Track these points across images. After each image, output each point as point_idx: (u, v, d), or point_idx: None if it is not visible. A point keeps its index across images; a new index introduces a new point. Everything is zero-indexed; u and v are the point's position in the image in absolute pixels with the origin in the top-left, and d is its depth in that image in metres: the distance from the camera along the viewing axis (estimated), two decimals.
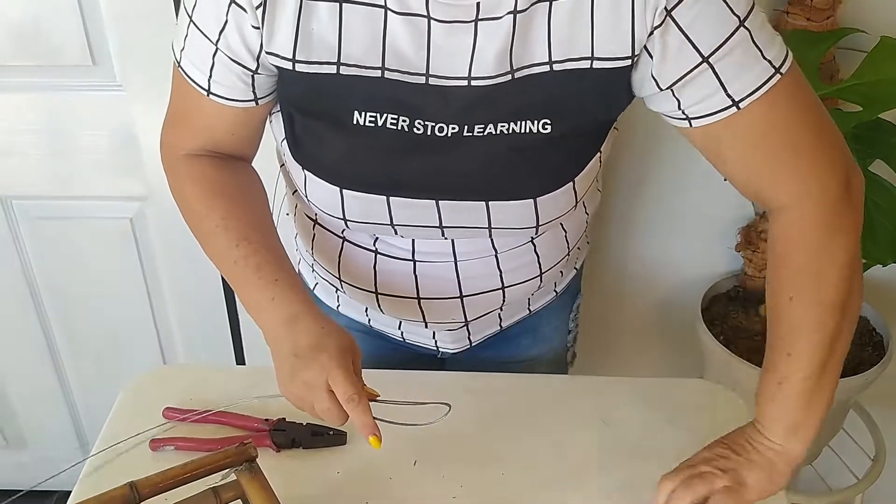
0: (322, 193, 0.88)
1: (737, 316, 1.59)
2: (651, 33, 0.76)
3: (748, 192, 0.86)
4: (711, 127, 0.81)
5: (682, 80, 0.79)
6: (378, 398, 0.82)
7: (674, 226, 1.61)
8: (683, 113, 0.82)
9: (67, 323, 1.76)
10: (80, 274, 1.68)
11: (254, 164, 0.98)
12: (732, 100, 0.78)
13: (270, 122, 0.93)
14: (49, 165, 1.56)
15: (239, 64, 0.82)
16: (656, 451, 0.96)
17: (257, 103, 0.87)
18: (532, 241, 0.98)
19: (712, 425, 0.99)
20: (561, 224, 1.00)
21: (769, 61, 0.78)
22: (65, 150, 1.53)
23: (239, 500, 0.80)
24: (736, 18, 0.76)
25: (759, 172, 0.83)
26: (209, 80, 0.84)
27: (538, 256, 1.00)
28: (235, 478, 0.79)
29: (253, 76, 0.83)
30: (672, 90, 0.80)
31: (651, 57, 0.78)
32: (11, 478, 1.98)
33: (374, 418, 0.79)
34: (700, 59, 0.77)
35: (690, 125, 0.82)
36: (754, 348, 1.53)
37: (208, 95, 0.86)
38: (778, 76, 0.78)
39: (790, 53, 0.80)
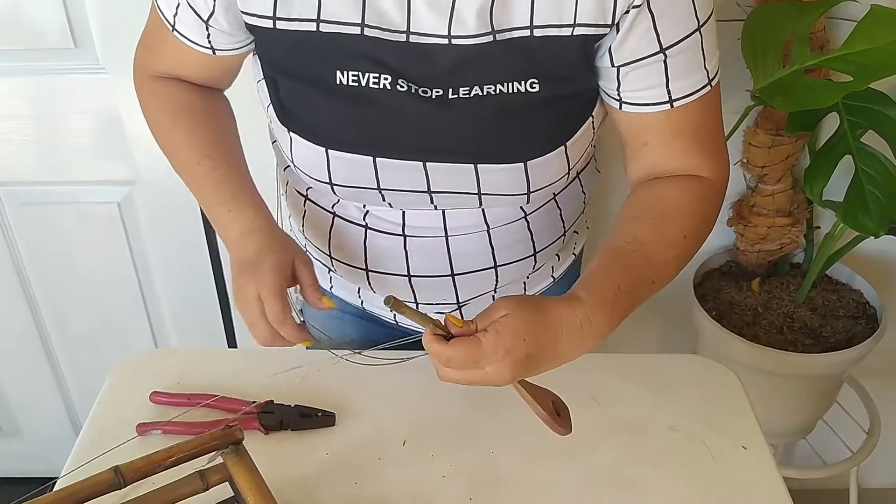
0: (308, 155, 0.88)
1: (729, 291, 1.59)
2: (627, 11, 0.78)
3: (648, 169, 0.89)
4: (643, 116, 0.85)
5: (634, 65, 0.81)
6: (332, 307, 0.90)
7: None
8: (619, 96, 0.85)
9: (58, 309, 1.76)
10: (69, 259, 1.68)
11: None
12: (670, 97, 0.83)
13: (257, 90, 0.92)
14: (34, 151, 1.54)
15: (194, 10, 0.84)
16: (648, 426, 0.95)
17: (214, 53, 0.90)
18: (525, 218, 0.97)
19: (705, 400, 0.99)
20: (556, 201, 0.99)
21: (707, 71, 0.84)
22: (49, 135, 1.52)
23: (226, 482, 0.79)
24: (696, 21, 0.80)
25: (677, 155, 0.88)
26: (175, 17, 0.87)
27: (531, 234, 0.98)
28: (222, 461, 0.79)
29: (206, 26, 0.86)
30: (619, 70, 0.82)
31: (617, 32, 0.79)
32: (7, 466, 1.98)
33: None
34: (658, 49, 0.80)
35: (620, 108, 0.86)
36: (747, 323, 1.53)
37: (173, 31, 0.89)
38: (709, 87, 0.85)
39: (719, 68, 0.87)
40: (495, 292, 1.04)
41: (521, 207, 0.96)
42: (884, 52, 1.19)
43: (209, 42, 0.88)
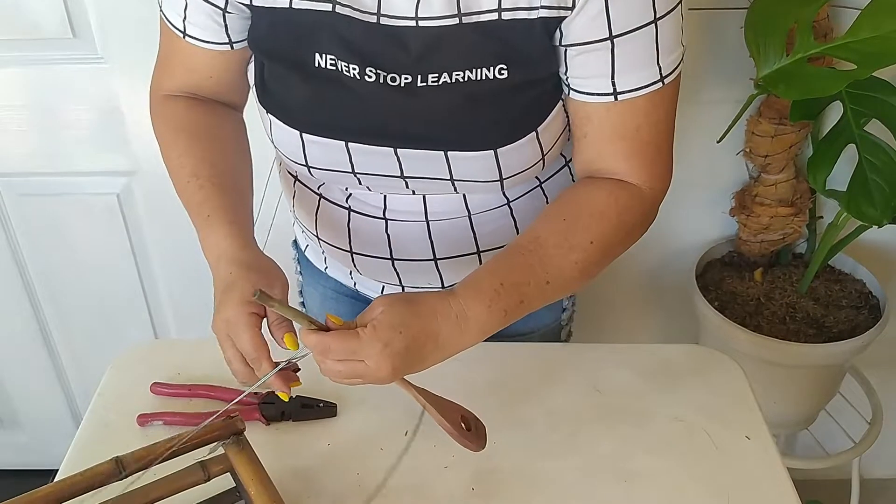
0: (284, 138, 0.88)
1: (731, 281, 1.58)
2: None
3: (586, 165, 0.88)
4: (587, 105, 0.83)
5: (580, 48, 0.80)
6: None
7: (667, 191, 1.60)
8: (567, 80, 0.83)
9: (57, 301, 1.75)
10: (69, 251, 1.67)
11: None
12: (614, 89, 0.81)
13: (247, 70, 0.92)
14: (32, 141, 1.54)
15: (208, 2, 0.84)
16: (651, 416, 0.95)
17: (232, 47, 0.89)
18: (508, 205, 0.97)
19: (708, 390, 0.98)
20: (542, 188, 0.99)
21: (660, 67, 0.81)
22: (48, 126, 1.51)
23: (227, 473, 0.79)
24: (653, 13, 0.78)
25: (612, 156, 0.85)
26: (184, 22, 0.87)
27: (515, 221, 0.98)
28: (223, 451, 0.78)
29: (224, 15, 0.85)
30: (566, 52, 0.81)
31: (571, 10, 0.78)
32: (8, 458, 1.98)
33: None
34: (606, 36, 0.78)
35: (568, 94, 0.84)
36: (749, 313, 1.52)
37: (185, 37, 0.88)
38: (660, 84, 0.81)
39: (680, 68, 0.83)
40: None
41: (504, 194, 0.96)
42: (888, 39, 1.18)
43: (227, 34, 0.87)
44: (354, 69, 0.81)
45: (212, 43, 0.88)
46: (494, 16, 0.78)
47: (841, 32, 1.28)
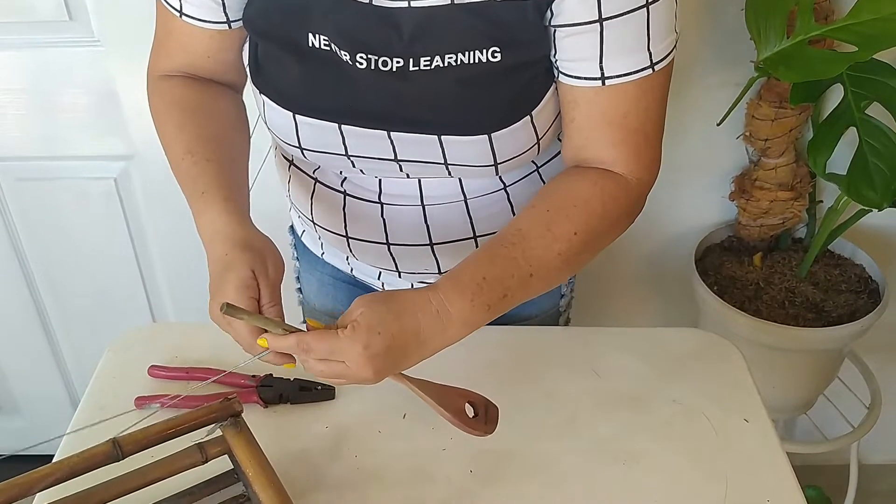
0: (277, 119, 0.87)
1: (731, 266, 1.58)
2: None
3: (574, 152, 0.87)
4: (574, 89, 0.82)
5: (569, 29, 0.78)
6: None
7: (666, 176, 1.57)
8: (556, 62, 0.82)
9: (54, 285, 1.75)
10: (66, 235, 1.66)
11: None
12: (602, 74, 0.79)
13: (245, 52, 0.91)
14: (29, 125, 1.53)
15: None
16: (650, 400, 0.95)
17: (230, 26, 0.88)
18: (505, 189, 0.96)
19: (707, 374, 0.98)
20: (539, 173, 0.98)
21: (650, 53, 0.79)
22: (44, 109, 1.51)
23: (225, 455, 0.79)
24: None
25: (599, 143, 0.84)
26: (181, 1, 0.86)
27: (512, 206, 0.97)
28: (221, 433, 0.78)
29: None
30: (555, 32, 0.79)
31: None
32: (7, 444, 1.98)
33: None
34: (596, 18, 0.76)
35: (557, 77, 0.83)
36: (748, 298, 1.52)
37: (181, 16, 0.87)
38: (650, 71, 0.80)
39: (672, 56, 0.81)
40: None
41: (501, 178, 0.95)
42: (889, 22, 1.17)
43: (224, 13, 0.86)
44: (345, 55, 0.80)
45: (209, 22, 0.87)
46: None
47: (842, 14, 1.27)
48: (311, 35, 0.81)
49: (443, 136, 0.84)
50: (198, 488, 0.80)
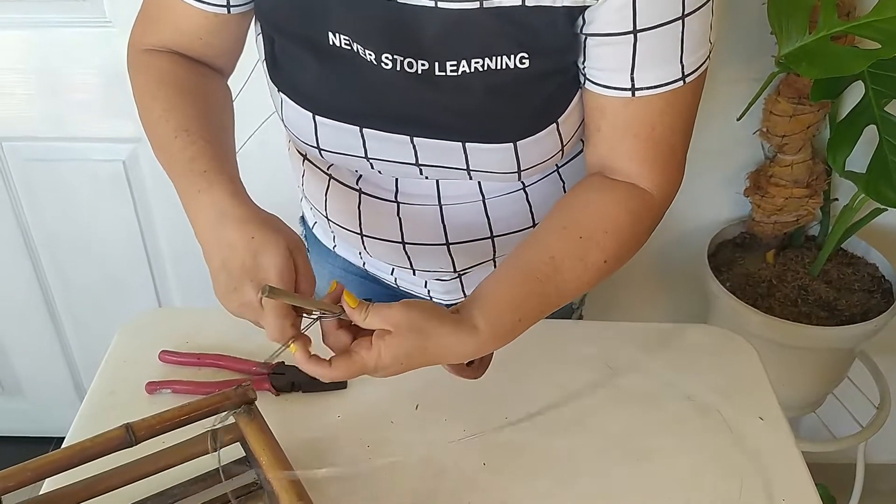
0: (296, 118, 0.85)
1: (744, 262, 1.57)
2: None
3: (598, 160, 0.85)
4: (602, 98, 0.80)
5: (601, 39, 0.76)
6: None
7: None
8: (584, 69, 0.80)
9: (61, 267, 1.74)
10: (73, 217, 1.66)
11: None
12: (632, 85, 0.77)
13: (256, 42, 0.89)
14: (38, 105, 1.52)
15: None
16: (663, 396, 0.94)
17: (229, 11, 0.84)
18: (524, 189, 0.95)
19: (721, 370, 0.97)
20: (559, 173, 0.96)
21: (682, 66, 0.77)
22: (54, 90, 1.49)
23: (237, 443, 0.78)
24: (682, 8, 0.74)
25: (625, 154, 0.82)
26: None
27: (530, 206, 0.96)
28: (234, 420, 0.77)
29: None
30: (586, 41, 0.77)
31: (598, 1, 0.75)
32: (10, 425, 1.98)
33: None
34: (630, 29, 0.74)
35: (584, 84, 0.81)
36: (761, 295, 1.51)
37: None
38: (680, 83, 0.78)
39: (705, 67, 0.79)
40: (494, 262, 1.01)
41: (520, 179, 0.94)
42: None
43: None
44: (370, 55, 0.78)
45: (208, 3, 0.83)
46: (518, 1, 0.74)
47: (864, 11, 1.25)
48: (331, 34, 0.78)
49: (467, 144, 0.82)
50: (210, 475, 0.79)
